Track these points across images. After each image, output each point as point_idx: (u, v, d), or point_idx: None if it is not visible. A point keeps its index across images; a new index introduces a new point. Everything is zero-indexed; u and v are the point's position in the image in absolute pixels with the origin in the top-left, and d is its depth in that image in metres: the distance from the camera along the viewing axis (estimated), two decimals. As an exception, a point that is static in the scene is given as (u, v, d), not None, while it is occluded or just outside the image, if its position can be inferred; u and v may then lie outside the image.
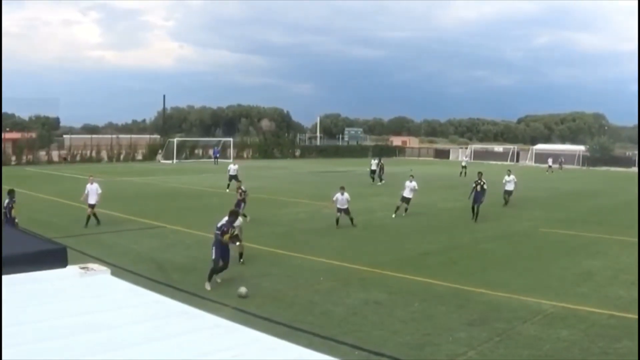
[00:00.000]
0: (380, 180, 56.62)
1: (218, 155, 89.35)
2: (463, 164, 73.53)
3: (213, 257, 18.52)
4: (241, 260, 20.89)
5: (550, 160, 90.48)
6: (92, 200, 29.01)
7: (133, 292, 4.77)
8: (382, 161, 59.62)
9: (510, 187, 39.35)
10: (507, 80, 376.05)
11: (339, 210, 30.56)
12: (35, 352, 3.31)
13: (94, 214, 28.93)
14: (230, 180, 46.09)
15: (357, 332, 14.57)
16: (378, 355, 13.13)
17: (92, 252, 21.32)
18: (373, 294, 18.12)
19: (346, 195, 30.48)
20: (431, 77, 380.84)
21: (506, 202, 39.15)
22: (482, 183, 32.99)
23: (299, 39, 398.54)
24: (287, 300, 17.44)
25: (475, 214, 32.77)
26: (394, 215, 33.58)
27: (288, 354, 3.58)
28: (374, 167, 57.99)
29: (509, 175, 39.75)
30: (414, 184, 34.90)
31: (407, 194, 34.50)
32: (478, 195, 32.83)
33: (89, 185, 29.38)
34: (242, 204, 29.84)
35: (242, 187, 30.67)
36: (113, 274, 5.16)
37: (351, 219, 30.51)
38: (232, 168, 47.56)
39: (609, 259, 24.27)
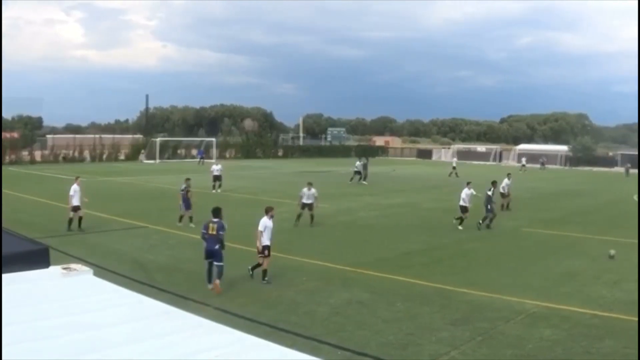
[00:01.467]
0: (363, 179, 56.50)
1: (203, 155, 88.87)
2: (454, 164, 73.73)
3: (222, 262, 18.22)
4: (265, 279, 19.28)
5: (523, 160, 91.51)
6: (78, 201, 27.75)
7: (116, 293, 4.76)
8: (367, 161, 59.55)
9: (505, 190, 38.82)
10: (490, 80, 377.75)
11: (304, 205, 30.45)
12: (17, 353, 3.30)
13: (80, 218, 27.72)
14: (214, 180, 46.02)
15: (340, 332, 14.58)
16: (361, 355, 13.14)
17: (74, 253, 21.22)
18: (356, 294, 18.15)
19: (313, 190, 30.52)
20: (414, 77, 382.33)
21: (503, 207, 37.80)
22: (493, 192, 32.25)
23: (282, 39, 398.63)
24: (270, 300, 17.44)
25: (489, 221, 31.28)
26: (460, 227, 30.77)
27: (271, 354, 3.59)
28: (358, 169, 57.70)
29: (508, 179, 39.28)
30: (471, 191, 31.83)
31: (464, 203, 31.32)
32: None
33: (75, 186, 27.99)
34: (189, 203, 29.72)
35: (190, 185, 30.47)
36: (95, 274, 5.14)
37: (312, 216, 30.44)
38: (216, 168, 47.25)
39: (592, 259, 24.40)
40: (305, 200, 30.47)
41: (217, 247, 18.33)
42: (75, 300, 4.35)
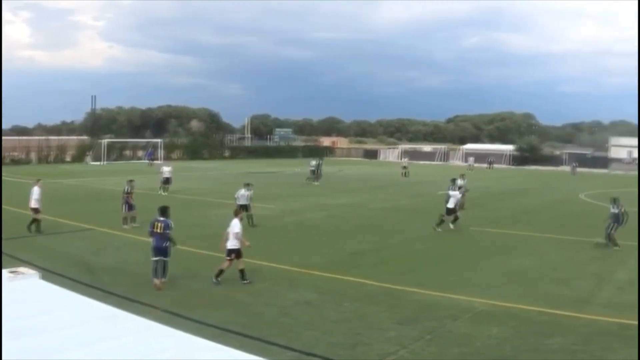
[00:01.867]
0: (315, 180, 56.65)
1: (152, 156, 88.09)
2: (404, 164, 73.91)
3: (168, 257, 18.75)
4: (218, 279, 19.19)
5: (471, 160, 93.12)
6: (38, 204, 27.87)
7: (63, 296, 4.73)
8: (322, 161, 59.97)
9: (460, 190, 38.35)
10: (437, 80, 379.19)
11: (240, 207, 29.71)
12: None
13: (38, 221, 27.74)
14: (164, 183, 45.55)
15: (288, 333, 14.59)
16: (309, 356, 13.17)
17: (21, 256, 21.00)
18: (303, 294, 18.18)
19: (251, 192, 30.41)
20: (361, 78, 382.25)
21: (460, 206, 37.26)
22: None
23: (228, 40, 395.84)
24: (218, 301, 17.37)
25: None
26: (439, 229, 30.44)
27: (219, 355, 3.60)
28: (313, 168, 58.13)
29: (462, 179, 38.55)
30: (458, 193, 32.41)
31: (451, 204, 31.32)
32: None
33: (36, 189, 28.17)
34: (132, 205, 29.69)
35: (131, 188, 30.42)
36: (43, 277, 5.11)
37: (250, 217, 29.82)
38: (166, 170, 46.57)
39: (539, 257, 24.71)
40: (241, 202, 29.65)
41: (165, 244, 18.55)
42: (22, 304, 4.33)
